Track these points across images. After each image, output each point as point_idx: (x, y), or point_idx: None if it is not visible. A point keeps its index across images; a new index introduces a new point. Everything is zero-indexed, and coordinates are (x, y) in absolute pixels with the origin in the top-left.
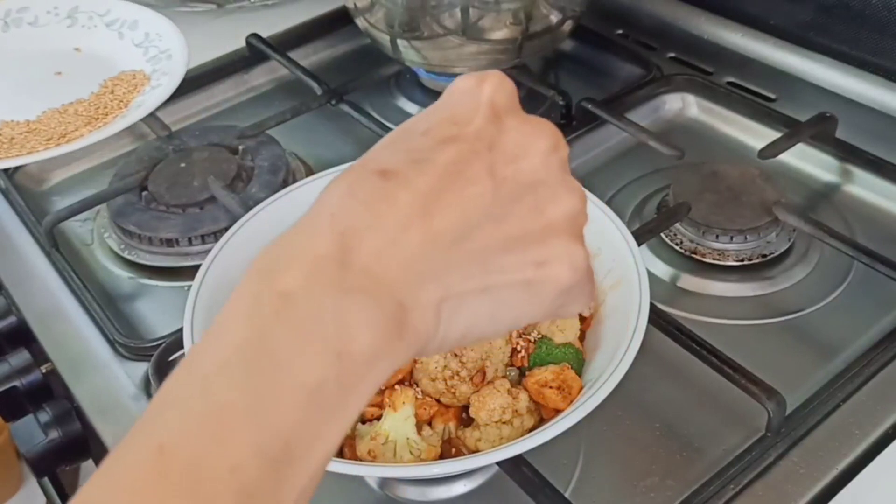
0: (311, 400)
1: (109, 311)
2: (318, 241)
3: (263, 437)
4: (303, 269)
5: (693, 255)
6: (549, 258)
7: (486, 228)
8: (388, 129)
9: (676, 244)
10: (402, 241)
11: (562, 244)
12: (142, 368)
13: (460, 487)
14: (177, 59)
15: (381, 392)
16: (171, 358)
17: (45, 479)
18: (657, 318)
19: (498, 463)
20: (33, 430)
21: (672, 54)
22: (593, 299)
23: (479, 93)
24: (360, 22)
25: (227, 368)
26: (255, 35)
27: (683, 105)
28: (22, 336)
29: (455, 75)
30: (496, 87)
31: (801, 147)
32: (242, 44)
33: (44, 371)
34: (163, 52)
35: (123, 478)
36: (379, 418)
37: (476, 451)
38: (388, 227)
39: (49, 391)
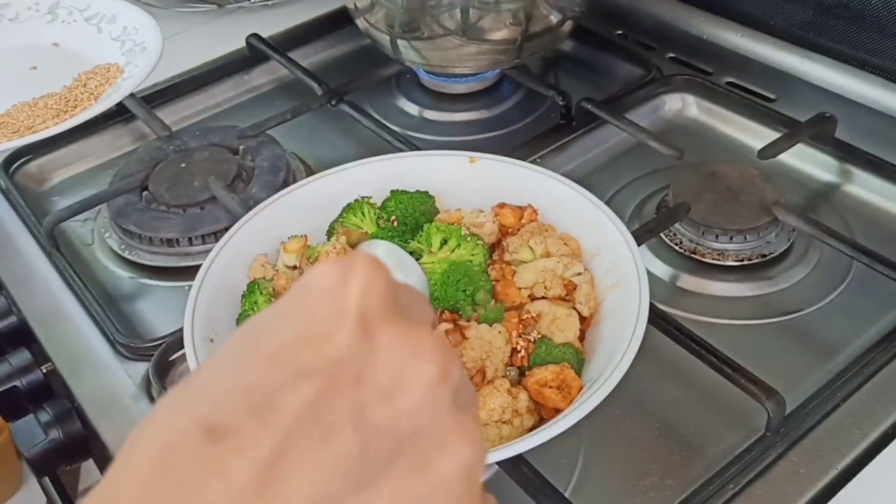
0: None
1: (110, 311)
2: None
3: None
4: None
5: (693, 255)
6: None
7: (352, 502)
8: (387, 129)
9: (676, 244)
10: None
11: None
12: (142, 368)
13: None
14: (151, 50)
15: None
16: (172, 358)
17: (46, 479)
18: (657, 318)
19: (498, 463)
20: (34, 430)
21: (672, 54)
22: None
23: (344, 294)
24: (361, 22)
25: None
26: (255, 35)
27: (683, 105)
28: (22, 336)
29: (455, 75)
30: (365, 286)
31: (800, 147)
32: (242, 44)
33: (44, 371)
34: (138, 45)
35: None
36: None
37: None
38: None
39: (49, 391)
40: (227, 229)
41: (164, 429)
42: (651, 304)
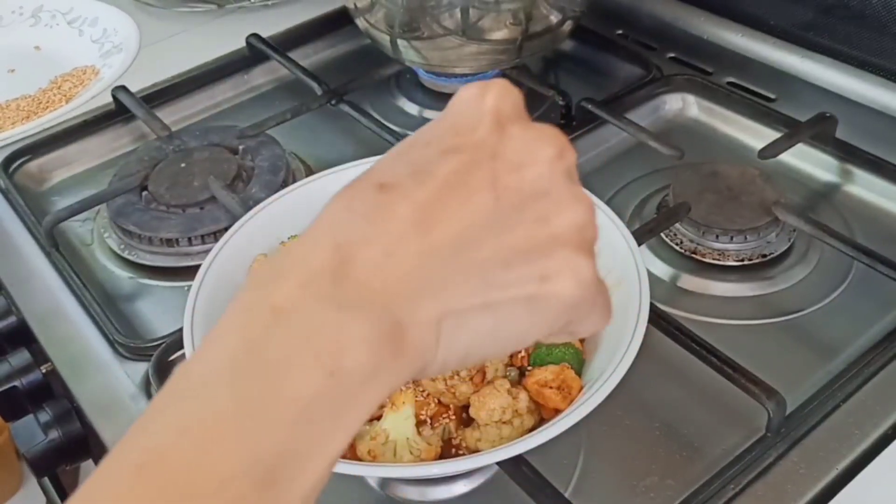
0: (301, 417)
1: (109, 311)
2: (314, 254)
3: (251, 454)
4: (297, 283)
5: (693, 255)
6: (553, 272)
7: (487, 241)
8: (387, 129)
9: (676, 244)
10: (400, 254)
11: (567, 257)
12: (142, 368)
13: (460, 487)
14: (127, 51)
15: None
16: (171, 358)
17: (46, 479)
18: (657, 318)
19: (498, 463)
20: (33, 430)
21: (672, 54)
22: (608, 319)
23: (483, 102)
24: (361, 22)
25: (218, 380)
26: (255, 35)
27: (683, 105)
28: (22, 336)
29: (455, 75)
30: (500, 96)
31: (800, 147)
32: (242, 44)
33: (44, 371)
34: (115, 47)
35: (108, 488)
36: (379, 418)
37: (476, 451)
38: (385, 240)
39: (49, 391)
40: (226, 229)
41: (349, 189)
42: (651, 304)
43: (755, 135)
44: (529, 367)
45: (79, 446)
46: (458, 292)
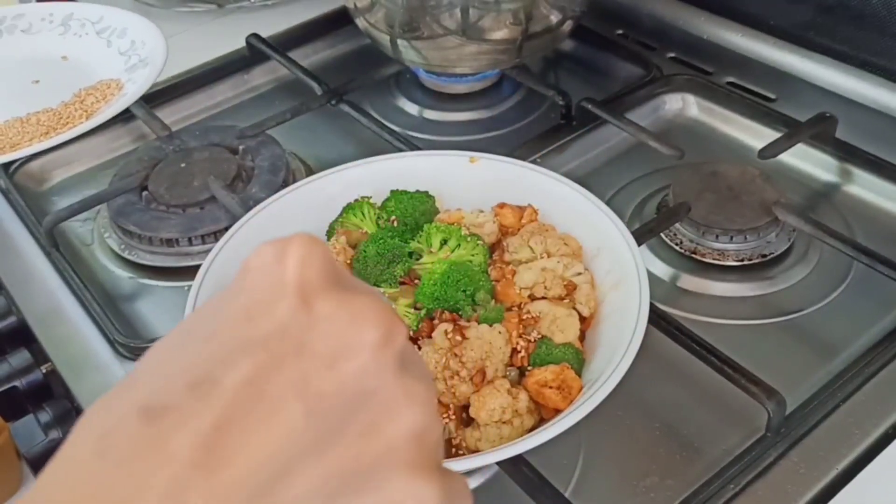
0: None
1: (110, 311)
2: None
3: None
4: None
5: (693, 255)
6: (389, 501)
7: (300, 472)
8: (387, 129)
9: (676, 244)
10: None
11: (405, 483)
12: None
13: None
14: (152, 66)
15: None
16: None
17: None
18: (657, 318)
19: (498, 463)
20: (33, 430)
21: (672, 54)
22: None
23: (282, 270)
24: (360, 22)
25: None
26: (255, 35)
27: (683, 105)
28: (22, 336)
29: (455, 75)
30: (303, 259)
31: (801, 147)
32: (242, 44)
33: (44, 371)
34: (142, 60)
35: None
36: None
37: (476, 451)
38: (160, 495)
39: (49, 391)
40: (226, 229)
41: (102, 418)
42: (651, 304)
43: (755, 135)
44: (529, 367)
45: None
46: None
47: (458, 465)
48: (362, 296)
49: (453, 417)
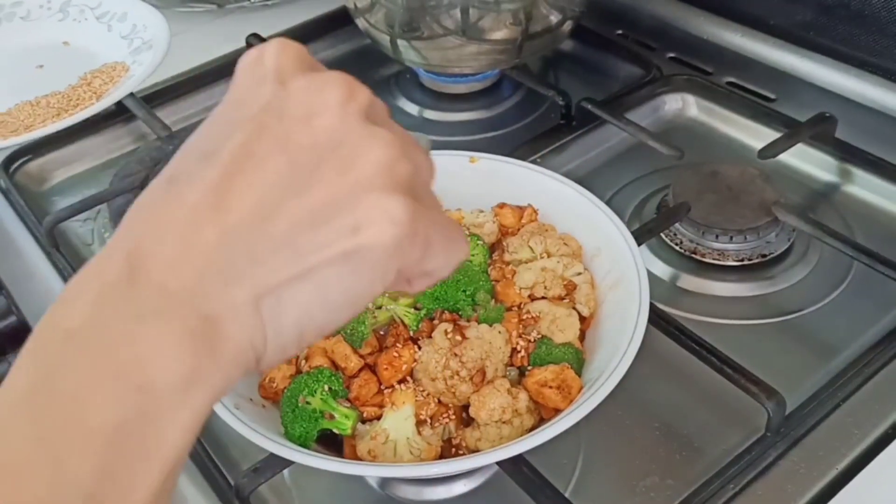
0: (111, 443)
1: None
2: (107, 266)
3: (58, 496)
4: (89, 300)
5: (693, 255)
6: (364, 221)
7: (288, 206)
8: None
9: (676, 244)
10: (195, 243)
11: (375, 201)
12: None
13: (460, 487)
14: (156, 48)
15: (381, 392)
16: None
17: None
18: (657, 318)
19: (498, 463)
20: None
21: (672, 54)
22: (461, 247)
23: (262, 65)
24: (361, 22)
25: (15, 417)
26: (255, 35)
27: (683, 105)
28: (22, 336)
29: (455, 75)
30: (278, 53)
31: (800, 147)
32: (242, 44)
33: None
34: (145, 43)
35: None
36: (379, 418)
37: (476, 451)
38: (177, 233)
39: None
40: None
41: (141, 196)
42: (651, 304)
43: (755, 135)
44: (529, 367)
45: None
46: (269, 267)
47: (459, 465)
48: (329, 72)
49: (453, 417)
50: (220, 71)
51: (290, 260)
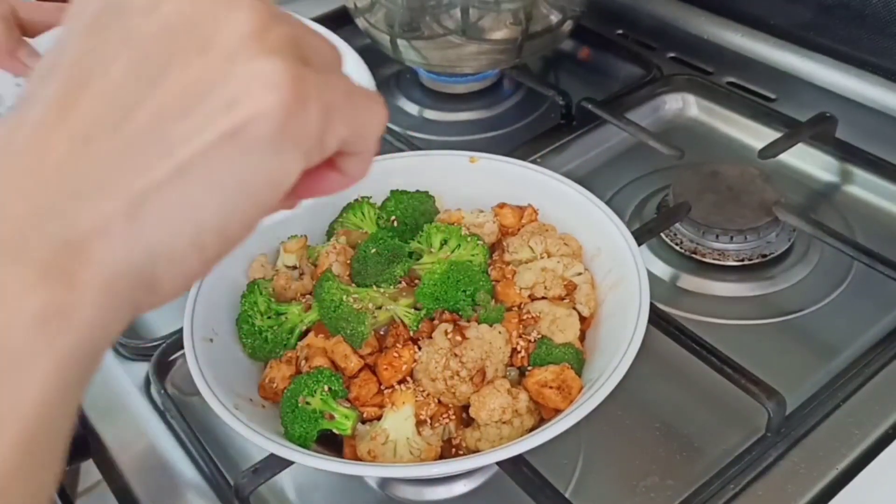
0: None
1: None
2: None
3: None
4: None
5: (693, 255)
6: (236, 94)
7: (148, 98)
8: (387, 129)
9: (676, 244)
10: (45, 160)
11: (246, 70)
12: (142, 368)
13: (460, 487)
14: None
15: (380, 392)
16: (171, 358)
17: None
18: (657, 318)
19: (498, 463)
20: None
21: (672, 54)
22: (376, 116)
23: None
24: (361, 22)
25: None
26: None
27: (683, 105)
28: None
29: (456, 75)
30: None
31: (801, 147)
32: None
33: None
34: None
35: None
36: (379, 418)
37: (476, 451)
38: (18, 153)
39: None
40: None
41: None
42: (651, 304)
43: (755, 135)
44: (529, 367)
45: (79, 447)
46: (137, 169)
47: (459, 465)
48: None
49: (453, 417)
50: None
51: (161, 155)
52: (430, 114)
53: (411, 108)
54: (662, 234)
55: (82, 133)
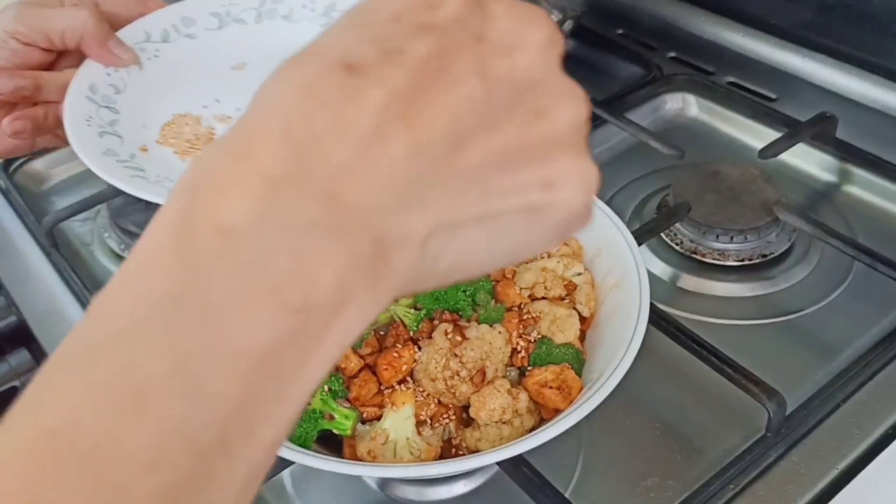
0: (257, 370)
1: None
2: (269, 155)
3: (193, 420)
4: (249, 195)
5: (693, 255)
6: (558, 178)
7: (482, 139)
8: None
9: (677, 244)
10: (379, 154)
11: (570, 159)
12: None
13: (460, 487)
14: None
15: (380, 392)
16: None
17: None
18: (657, 318)
19: (498, 463)
20: None
21: (672, 54)
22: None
23: None
24: None
25: (147, 325)
26: None
27: (684, 105)
28: (22, 336)
29: None
30: None
31: (801, 147)
32: None
33: None
34: None
35: (9, 465)
36: (379, 418)
37: (476, 451)
38: (360, 136)
39: None
40: None
41: (300, 70)
42: (651, 305)
43: (756, 134)
44: (529, 367)
45: None
46: (454, 202)
47: (459, 465)
48: (528, 5)
49: (453, 418)
50: None
51: (477, 199)
52: None
53: None
54: (663, 234)
55: (420, 143)
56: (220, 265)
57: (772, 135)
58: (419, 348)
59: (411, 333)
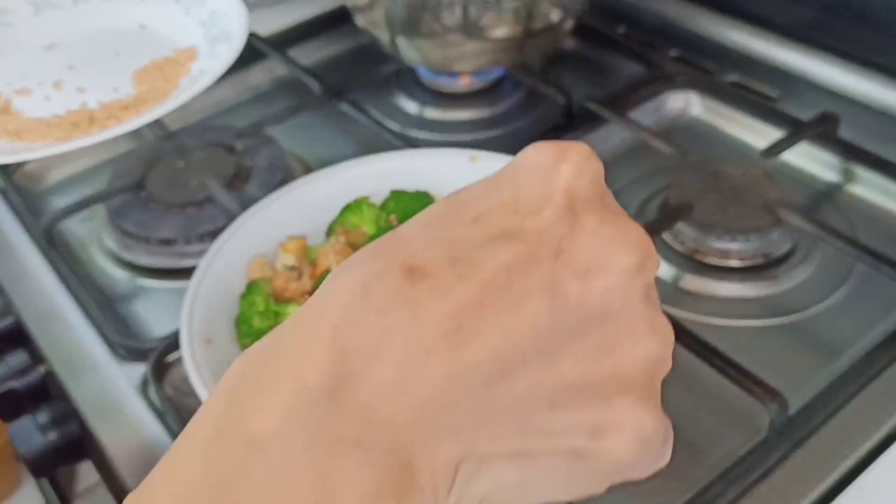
0: None
1: (107, 312)
2: (311, 360)
3: None
4: (282, 403)
5: (695, 256)
6: (610, 425)
7: (534, 370)
8: (387, 129)
9: (678, 244)
10: (420, 374)
11: (629, 408)
12: (140, 370)
13: None
14: (232, 42)
15: None
16: (169, 359)
17: (44, 480)
18: None
19: None
20: (31, 431)
21: (675, 53)
22: (664, 462)
23: (556, 174)
24: (360, 20)
25: None
26: (253, 33)
27: (686, 104)
28: (19, 337)
29: (455, 73)
30: (578, 169)
31: (804, 146)
32: None
33: (42, 372)
34: (222, 33)
35: None
36: None
37: None
38: (404, 353)
39: (47, 392)
40: (224, 228)
41: (363, 267)
42: None
43: (758, 134)
44: None
45: (76, 447)
46: (489, 434)
47: None
48: (625, 220)
49: None
50: None
51: (514, 434)
52: (431, 112)
53: (411, 107)
54: (664, 235)
55: (464, 367)
56: (245, 473)
57: (774, 134)
58: None
59: None
